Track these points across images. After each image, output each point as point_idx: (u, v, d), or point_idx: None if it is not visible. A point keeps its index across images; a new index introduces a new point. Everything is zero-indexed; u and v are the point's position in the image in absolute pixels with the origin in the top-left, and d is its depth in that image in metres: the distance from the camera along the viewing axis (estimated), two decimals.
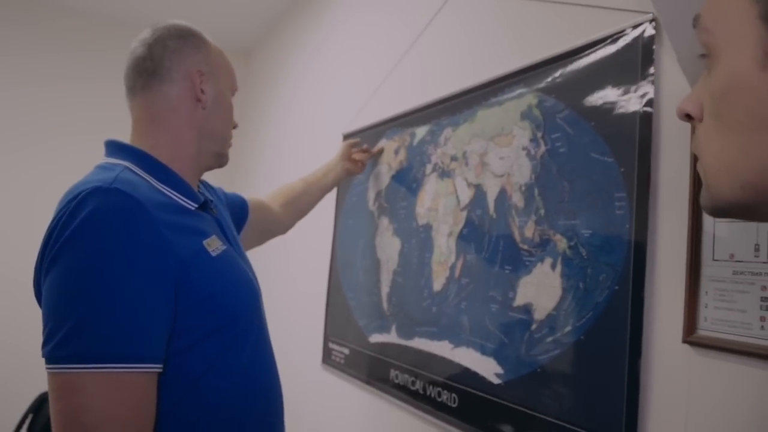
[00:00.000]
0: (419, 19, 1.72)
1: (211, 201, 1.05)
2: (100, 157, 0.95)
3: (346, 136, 2.08)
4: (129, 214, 0.77)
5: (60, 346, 0.71)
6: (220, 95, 1.03)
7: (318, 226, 2.25)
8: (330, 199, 2.13)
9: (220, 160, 1.08)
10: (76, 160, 3.02)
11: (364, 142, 1.87)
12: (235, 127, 1.11)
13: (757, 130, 0.37)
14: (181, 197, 0.93)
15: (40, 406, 2.33)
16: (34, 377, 1.73)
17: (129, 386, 0.72)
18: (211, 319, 0.84)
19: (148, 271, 0.77)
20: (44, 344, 0.72)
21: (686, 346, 0.86)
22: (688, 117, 0.45)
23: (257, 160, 3.19)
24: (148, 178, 0.89)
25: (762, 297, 0.78)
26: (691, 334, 0.86)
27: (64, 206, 0.77)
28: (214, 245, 0.90)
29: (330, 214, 2.12)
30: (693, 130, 0.48)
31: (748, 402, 0.78)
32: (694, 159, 0.83)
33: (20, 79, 3.09)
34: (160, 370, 0.77)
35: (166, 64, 0.97)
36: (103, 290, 0.73)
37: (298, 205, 1.64)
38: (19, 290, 2.26)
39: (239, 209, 1.38)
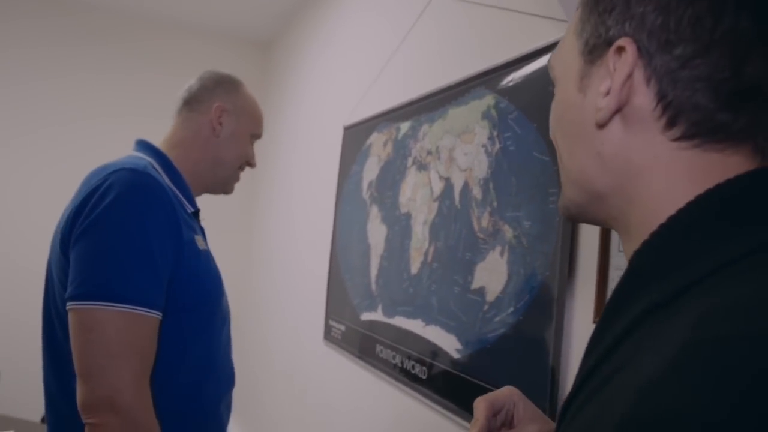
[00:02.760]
0: (405, 22, 1.84)
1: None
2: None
3: (347, 129, 2.21)
4: (157, 193, 0.97)
5: (97, 288, 0.89)
6: (236, 133, 1.23)
7: (322, 209, 2.41)
8: (331, 184, 2.28)
9: (224, 187, 1.27)
10: (78, 147, 3.27)
11: (360, 134, 2.01)
12: (251, 165, 1.29)
13: (577, 139, 0.47)
14: (183, 199, 1.12)
15: None
16: None
17: (145, 325, 0.92)
18: (186, 296, 1.01)
19: (165, 240, 0.97)
20: (79, 285, 0.90)
21: None
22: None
23: (274, 149, 3.36)
24: (163, 176, 1.09)
25: None
26: (599, 316, 0.97)
27: (102, 178, 0.95)
28: (200, 242, 1.09)
29: (331, 198, 2.27)
30: None
31: None
32: None
33: (33, 70, 3.30)
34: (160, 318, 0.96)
35: (198, 97, 1.21)
36: (136, 249, 0.92)
37: None
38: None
39: None
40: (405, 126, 1.73)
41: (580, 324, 1.01)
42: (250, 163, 1.29)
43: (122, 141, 2.37)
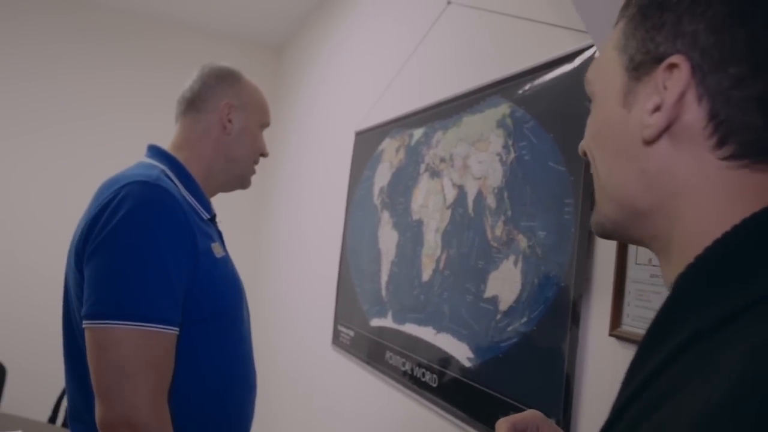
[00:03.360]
0: (419, 28, 1.84)
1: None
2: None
3: (359, 134, 2.22)
4: (170, 206, 0.96)
5: (112, 306, 0.88)
6: (246, 127, 1.20)
7: (332, 213, 2.41)
8: (342, 189, 2.28)
9: (241, 182, 1.25)
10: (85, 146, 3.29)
11: (371, 140, 2.02)
12: (264, 155, 1.27)
13: (618, 156, 0.47)
14: (198, 206, 1.11)
15: None
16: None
17: (161, 342, 0.91)
18: (205, 307, 1.01)
19: (180, 253, 0.96)
20: (94, 304, 0.90)
21: (612, 339, 0.97)
22: (585, 154, 0.56)
23: (285, 152, 3.36)
24: (177, 184, 1.08)
25: None
26: (616, 329, 0.97)
27: (113, 192, 0.94)
28: (217, 249, 1.08)
29: (342, 203, 2.27)
30: None
31: None
32: None
33: (37, 68, 3.32)
34: (178, 333, 0.96)
35: (202, 97, 1.17)
36: (150, 265, 0.91)
37: None
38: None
39: None
40: (418, 132, 1.73)
41: (596, 336, 1.01)
42: (263, 154, 1.27)
43: (132, 141, 2.38)
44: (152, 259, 0.92)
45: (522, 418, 0.62)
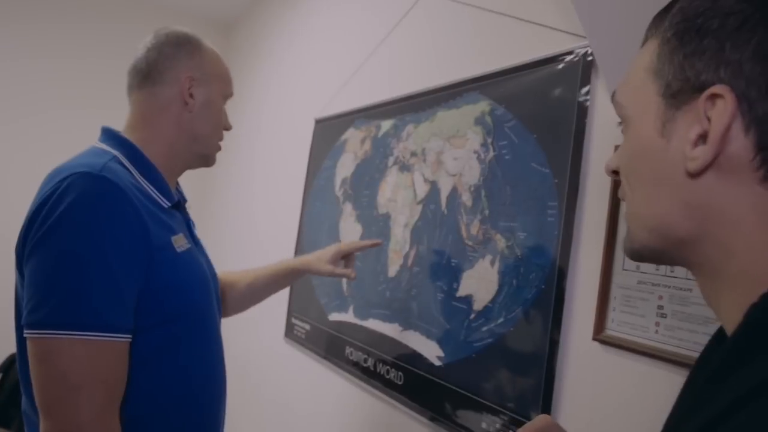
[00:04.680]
0: (392, 16, 1.79)
1: (185, 200, 1.13)
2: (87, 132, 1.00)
3: (319, 122, 2.15)
4: (115, 199, 0.86)
5: (50, 315, 0.79)
6: (209, 101, 1.10)
7: (287, 204, 2.33)
8: (299, 178, 2.21)
9: (206, 160, 1.15)
10: (69, 135, 3.05)
11: (333, 129, 1.95)
12: (227, 129, 1.18)
13: (657, 185, 0.45)
14: (158, 194, 1.00)
15: (9, 366, 2.40)
16: (2, 340, 1.80)
17: (108, 352, 0.82)
18: (166, 308, 0.92)
19: (128, 252, 0.86)
20: (32, 312, 0.80)
21: (595, 343, 0.98)
22: (614, 173, 0.54)
23: (235, 134, 3.23)
24: (132, 171, 0.97)
25: (658, 305, 0.89)
26: (600, 333, 0.97)
27: (54, 186, 0.84)
28: (179, 242, 0.98)
29: (298, 193, 2.20)
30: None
31: (640, 393, 0.90)
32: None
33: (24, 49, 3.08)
34: (130, 340, 0.87)
35: (159, 68, 1.05)
36: (91, 267, 0.82)
37: (244, 298, 1.63)
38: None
39: None
40: (387, 124, 1.68)
41: (578, 341, 1.01)
42: (226, 127, 1.17)
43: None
44: (95, 260, 0.82)
45: (539, 426, 0.62)
